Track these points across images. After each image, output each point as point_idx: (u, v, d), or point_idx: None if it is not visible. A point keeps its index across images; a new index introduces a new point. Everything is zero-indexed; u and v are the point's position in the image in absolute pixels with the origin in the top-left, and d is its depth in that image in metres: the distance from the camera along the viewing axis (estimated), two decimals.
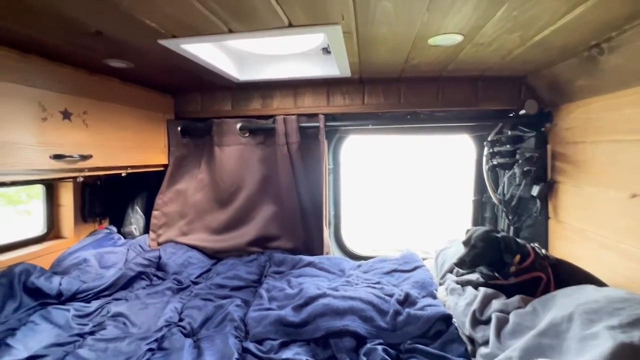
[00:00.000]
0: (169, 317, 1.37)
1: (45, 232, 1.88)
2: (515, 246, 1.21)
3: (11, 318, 1.39)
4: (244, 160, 1.93)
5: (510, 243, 1.21)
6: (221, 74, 1.56)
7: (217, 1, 0.84)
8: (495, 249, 1.20)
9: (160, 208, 2.00)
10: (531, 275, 1.18)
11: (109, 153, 1.50)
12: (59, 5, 0.85)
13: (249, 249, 1.93)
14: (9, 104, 1.10)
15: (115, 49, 1.19)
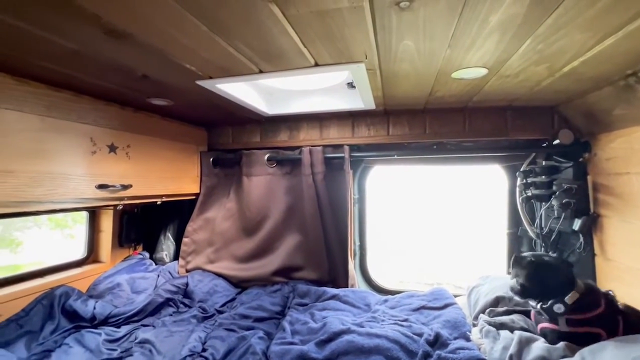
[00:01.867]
0: (192, 347, 1.37)
1: (85, 256, 1.99)
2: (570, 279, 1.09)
3: (49, 339, 1.46)
4: (270, 190, 1.98)
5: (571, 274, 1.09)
6: (251, 109, 1.65)
7: (248, 46, 0.92)
8: (554, 278, 1.09)
9: (190, 235, 2.07)
10: (589, 330, 1.03)
11: (146, 183, 1.60)
12: (114, 55, 0.96)
13: (273, 279, 1.93)
14: (65, 139, 1.23)
15: (158, 90, 1.31)
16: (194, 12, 0.74)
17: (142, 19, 0.76)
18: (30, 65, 1.01)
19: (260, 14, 0.74)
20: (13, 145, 1.07)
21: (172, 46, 0.90)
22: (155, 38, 0.85)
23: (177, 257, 2.11)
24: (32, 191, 1.11)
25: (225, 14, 0.75)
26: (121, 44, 0.88)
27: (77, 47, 0.89)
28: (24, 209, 1.14)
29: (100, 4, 0.70)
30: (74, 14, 0.73)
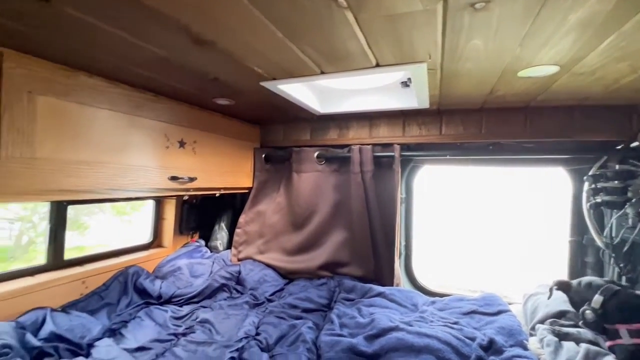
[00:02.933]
0: (247, 330, 1.48)
1: (151, 241, 2.21)
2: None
3: (124, 312, 1.65)
4: (318, 186, 2.04)
5: None
6: (305, 107, 1.71)
7: (316, 49, 0.97)
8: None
9: (242, 227, 2.21)
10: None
11: (209, 176, 1.74)
12: (195, 60, 1.07)
13: (319, 273, 1.99)
14: (145, 135, 1.39)
15: (224, 90, 1.42)
16: (274, 20, 0.80)
17: (226, 28, 0.84)
18: (122, 70, 1.15)
19: (333, 19, 0.79)
20: (107, 140, 1.23)
21: (246, 51, 0.98)
22: (233, 44, 0.94)
23: (230, 246, 2.26)
24: (120, 180, 1.27)
25: (302, 20, 0.80)
26: (204, 50, 0.97)
27: (166, 54, 1.01)
28: (112, 195, 1.30)
29: (193, 16, 0.79)
30: (169, 24, 0.83)
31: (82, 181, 1.14)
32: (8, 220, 4.57)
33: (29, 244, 4.72)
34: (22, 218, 4.72)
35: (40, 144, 1.01)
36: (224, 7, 0.74)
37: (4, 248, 4.45)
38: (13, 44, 0.92)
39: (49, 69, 1.03)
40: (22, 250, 4.71)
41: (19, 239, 4.69)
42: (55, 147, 1.05)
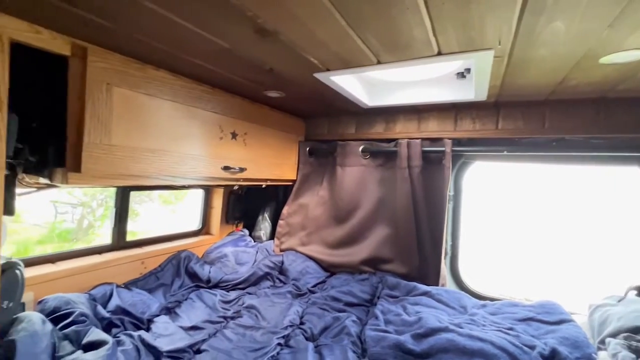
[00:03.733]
0: (292, 319, 1.50)
1: (200, 228, 2.32)
2: None
3: (177, 292, 1.76)
4: (363, 180, 2.02)
5: None
6: (354, 100, 1.69)
7: (378, 38, 0.95)
8: None
9: (285, 218, 2.25)
10: None
11: (257, 167, 1.79)
12: (255, 51, 1.09)
13: (361, 268, 1.97)
14: (202, 126, 1.45)
15: (277, 82, 1.44)
16: (341, 9, 0.79)
17: (291, 18, 0.84)
18: (185, 62, 1.21)
19: (403, 4, 0.76)
20: (169, 130, 1.30)
21: (308, 41, 0.98)
22: (296, 34, 0.94)
23: (273, 236, 2.32)
24: (180, 168, 1.35)
25: (369, 8, 0.78)
26: (265, 41, 0.99)
27: (229, 45, 1.04)
28: (171, 182, 1.38)
29: (260, 6, 0.80)
30: (235, 15, 0.85)
31: (148, 168, 1.22)
32: (71, 205, 5.06)
33: (89, 227, 5.18)
34: (83, 204, 5.19)
35: (115, 132, 1.09)
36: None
37: (68, 230, 4.94)
38: (95, 39, 1.00)
39: (123, 62, 1.11)
40: (83, 232, 5.18)
41: (80, 222, 5.17)
42: (126, 135, 1.14)
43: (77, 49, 1.00)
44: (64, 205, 4.96)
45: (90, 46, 1.01)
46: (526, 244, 2.58)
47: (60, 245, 4.58)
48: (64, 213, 4.86)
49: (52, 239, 4.61)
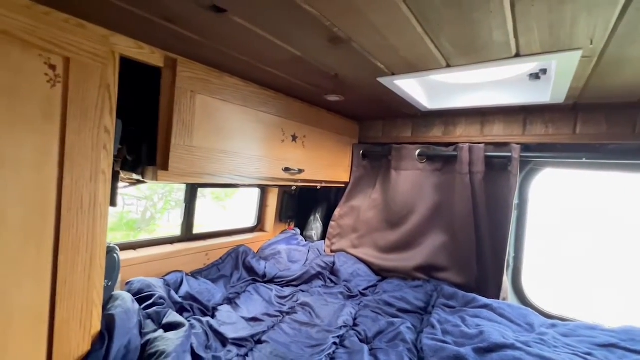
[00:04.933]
0: (345, 320, 1.52)
1: (255, 225, 2.45)
2: None
3: (237, 285, 1.87)
4: (418, 185, 1.97)
5: None
6: (414, 103, 1.67)
7: (452, 42, 0.93)
8: None
9: (337, 220, 2.28)
10: None
11: (314, 169, 1.84)
12: (324, 58, 1.13)
13: (414, 274, 1.93)
14: (267, 129, 1.53)
15: (339, 87, 1.47)
16: (419, 16, 0.79)
17: (367, 26, 0.87)
18: (257, 70, 1.29)
19: (485, 10, 0.74)
20: (239, 133, 1.40)
21: (379, 48, 1.00)
22: (368, 41, 0.96)
23: (324, 237, 2.36)
24: (247, 168, 1.44)
25: (450, 14, 0.77)
26: (336, 49, 1.02)
27: (301, 54, 1.09)
28: (238, 181, 1.47)
29: (338, 16, 0.83)
30: (312, 25, 0.89)
31: (220, 167, 1.33)
32: (137, 198, 5.62)
33: (151, 219, 5.69)
34: (147, 197, 5.73)
35: (196, 135, 1.20)
36: (374, 5, 0.76)
37: (134, 220, 5.48)
38: (184, 51, 1.12)
39: (205, 72, 1.22)
40: (146, 223, 5.71)
41: (144, 214, 5.70)
42: (204, 137, 1.25)
43: (168, 60, 1.12)
44: (130, 198, 5.54)
45: (180, 58, 1.13)
46: (603, 262, 2.31)
47: (127, 233, 5.12)
48: (130, 205, 5.43)
49: (121, 227, 5.17)
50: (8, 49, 0.76)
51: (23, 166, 0.80)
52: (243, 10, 0.83)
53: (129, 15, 0.87)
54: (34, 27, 0.79)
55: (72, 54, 0.85)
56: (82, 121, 0.88)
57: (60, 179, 0.85)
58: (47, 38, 0.81)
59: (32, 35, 0.79)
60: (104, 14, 0.87)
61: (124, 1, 0.81)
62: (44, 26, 0.81)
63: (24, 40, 0.78)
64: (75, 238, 0.89)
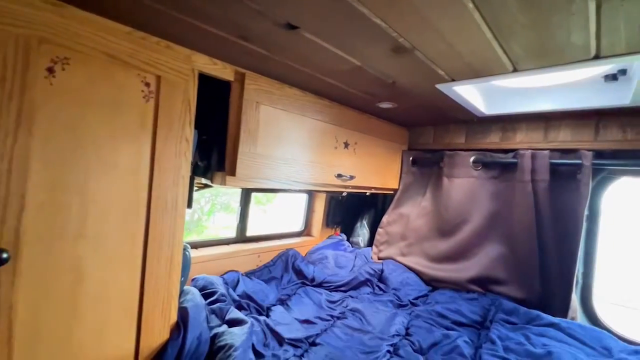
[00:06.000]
0: (398, 329, 1.50)
1: (302, 230, 2.51)
2: None
3: (287, 287, 1.93)
4: (472, 193, 1.90)
5: None
6: (470, 109, 1.62)
7: (524, 46, 0.90)
8: None
9: (384, 227, 2.26)
10: None
11: (364, 175, 1.85)
12: (384, 67, 1.15)
13: (468, 286, 1.85)
14: (322, 137, 1.58)
15: (394, 94, 1.48)
16: (491, 21, 0.78)
17: (434, 34, 0.87)
18: (314, 80, 1.35)
19: (566, 13, 0.71)
20: (296, 140, 1.46)
21: (443, 55, 1.00)
22: (433, 49, 0.97)
23: (370, 243, 2.35)
24: (303, 175, 1.49)
25: (525, 19, 0.76)
26: (399, 57, 1.04)
27: (361, 63, 1.12)
28: (293, 187, 1.53)
29: (405, 27, 0.85)
30: (377, 36, 0.91)
31: (279, 174, 1.39)
32: None
33: (198, 220, 6.04)
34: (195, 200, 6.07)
35: (260, 143, 1.28)
36: (444, 14, 0.77)
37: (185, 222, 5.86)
38: (252, 65, 1.20)
39: (269, 84, 1.30)
40: (194, 224, 6.06)
41: (192, 216, 6.06)
42: (266, 145, 1.32)
43: (238, 75, 1.21)
44: None
45: (247, 72, 1.22)
46: None
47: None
48: None
49: None
50: (114, 70, 0.88)
51: (123, 170, 0.91)
52: (314, 26, 0.88)
53: (209, 35, 0.96)
54: (133, 50, 0.91)
55: (162, 72, 0.97)
56: (168, 132, 0.99)
57: (150, 183, 0.96)
58: (143, 59, 0.93)
59: (132, 57, 0.91)
60: (189, 35, 0.97)
61: (208, 24, 0.90)
62: (141, 49, 0.93)
63: (126, 62, 0.90)
64: (160, 235, 1.00)
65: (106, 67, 0.86)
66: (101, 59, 0.85)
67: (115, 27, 0.88)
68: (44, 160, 0.77)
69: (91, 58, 0.83)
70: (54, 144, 0.79)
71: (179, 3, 0.80)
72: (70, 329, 0.85)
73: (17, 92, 0.72)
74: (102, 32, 0.84)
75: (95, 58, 0.84)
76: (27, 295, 0.77)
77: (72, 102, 0.81)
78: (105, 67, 0.86)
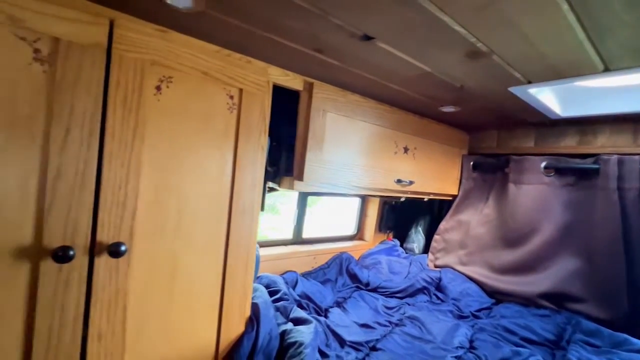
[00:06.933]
0: (461, 341, 1.45)
1: (355, 234, 2.52)
2: None
3: (342, 290, 1.96)
4: (544, 201, 1.76)
5: None
6: (543, 111, 1.51)
7: (621, 44, 0.83)
8: None
9: (442, 234, 2.19)
10: None
11: (423, 181, 1.82)
12: (455, 72, 1.13)
13: (538, 301, 1.72)
14: (383, 142, 1.59)
15: (459, 98, 1.44)
16: (586, 21, 0.74)
17: (517, 37, 0.84)
18: (376, 86, 1.36)
19: None
20: (358, 146, 1.48)
21: (523, 57, 0.96)
22: (514, 53, 0.93)
23: (425, 250, 2.29)
24: (363, 180, 1.51)
25: (630, 17, 0.70)
26: (472, 62, 1.02)
27: (431, 69, 1.12)
28: (354, 192, 1.56)
29: (487, 32, 0.83)
30: (454, 42, 0.90)
31: (341, 179, 1.43)
32: None
33: None
34: None
35: (325, 149, 1.33)
36: (534, 18, 0.74)
37: None
38: (320, 75, 1.26)
39: (334, 92, 1.35)
40: None
41: None
42: (331, 151, 1.36)
43: (306, 84, 1.27)
44: None
45: (316, 81, 1.28)
46: None
47: None
48: None
49: None
50: (206, 85, 0.98)
51: (210, 175, 1.01)
52: (390, 36, 0.90)
53: (286, 49, 1.03)
54: (221, 66, 1.01)
55: (244, 85, 1.05)
56: (248, 140, 1.07)
57: (232, 187, 1.05)
58: (229, 74, 1.02)
59: (220, 73, 1.00)
60: (267, 50, 1.05)
61: (287, 39, 0.96)
62: (227, 65, 1.02)
63: (216, 77, 1.00)
64: (239, 236, 1.08)
65: (200, 83, 0.96)
66: (196, 76, 0.95)
67: (207, 47, 0.98)
68: (151, 166, 0.89)
69: (189, 76, 0.94)
70: (158, 151, 0.90)
71: (267, 22, 0.87)
72: (168, 316, 0.95)
73: (134, 108, 0.84)
74: (198, 52, 0.95)
75: (191, 75, 0.94)
76: (136, 284, 0.89)
77: (172, 115, 0.92)
78: (199, 83, 0.96)
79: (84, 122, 0.77)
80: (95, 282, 0.81)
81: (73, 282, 0.78)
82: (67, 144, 0.75)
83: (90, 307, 0.81)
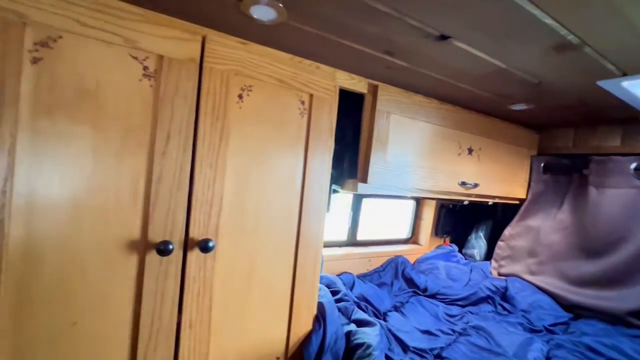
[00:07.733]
0: (537, 356, 1.34)
1: (409, 237, 2.46)
2: None
3: (399, 294, 1.92)
4: (633, 207, 1.57)
5: None
6: (635, 105, 1.35)
7: None
8: None
9: (507, 240, 2.05)
10: None
11: (488, 183, 1.72)
12: (528, 69, 1.06)
13: (627, 319, 1.53)
14: (445, 143, 1.54)
15: (533, 95, 1.34)
16: None
17: (619, 25, 0.77)
18: (441, 85, 1.31)
19: None
20: (422, 148, 1.45)
21: (622, 47, 0.87)
22: (611, 42, 0.85)
23: (488, 257, 2.16)
24: (426, 182, 1.47)
25: None
26: (557, 55, 0.94)
27: (505, 65, 1.06)
28: (415, 194, 1.52)
29: (580, 22, 0.77)
30: (540, 35, 0.84)
31: (405, 181, 1.41)
32: None
33: None
34: None
35: (389, 151, 1.32)
36: None
37: None
38: (385, 77, 1.25)
39: (398, 93, 1.34)
40: None
41: None
42: (395, 153, 1.35)
43: (371, 87, 1.28)
44: None
45: (380, 84, 1.28)
46: None
47: None
48: None
49: None
50: (281, 92, 1.03)
51: (284, 178, 1.06)
52: (467, 34, 0.87)
53: (355, 53, 1.05)
54: (294, 73, 1.05)
55: (314, 91, 1.09)
56: (317, 143, 1.10)
57: (302, 189, 1.09)
58: (301, 81, 1.06)
59: (293, 80, 1.05)
60: (335, 55, 1.07)
61: (358, 43, 0.98)
62: (299, 72, 1.06)
63: (290, 84, 1.04)
64: (307, 236, 1.12)
65: (276, 90, 1.02)
66: (273, 84, 1.01)
67: (281, 55, 1.03)
68: (233, 169, 0.96)
69: (266, 84, 0.99)
70: (238, 155, 0.97)
71: (342, 28, 0.89)
72: (245, 310, 1.02)
73: (221, 115, 0.91)
74: (274, 61, 1.00)
75: (268, 84, 1.00)
76: (220, 278, 0.96)
77: (251, 121, 0.98)
78: (275, 90, 1.01)
79: (181, 129, 0.86)
80: (187, 274, 0.90)
81: (170, 274, 0.87)
82: (167, 149, 0.84)
83: (183, 296, 0.89)
